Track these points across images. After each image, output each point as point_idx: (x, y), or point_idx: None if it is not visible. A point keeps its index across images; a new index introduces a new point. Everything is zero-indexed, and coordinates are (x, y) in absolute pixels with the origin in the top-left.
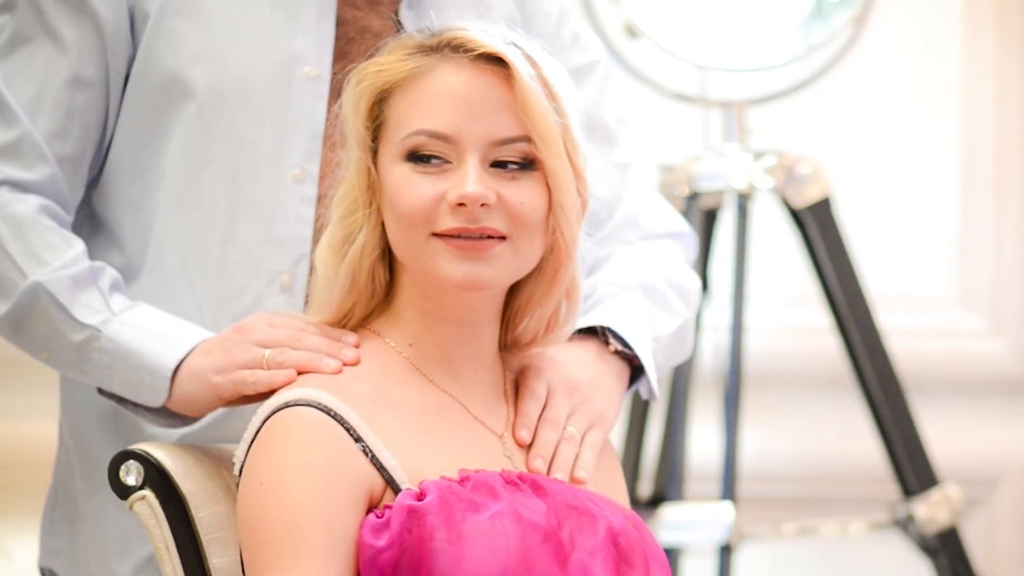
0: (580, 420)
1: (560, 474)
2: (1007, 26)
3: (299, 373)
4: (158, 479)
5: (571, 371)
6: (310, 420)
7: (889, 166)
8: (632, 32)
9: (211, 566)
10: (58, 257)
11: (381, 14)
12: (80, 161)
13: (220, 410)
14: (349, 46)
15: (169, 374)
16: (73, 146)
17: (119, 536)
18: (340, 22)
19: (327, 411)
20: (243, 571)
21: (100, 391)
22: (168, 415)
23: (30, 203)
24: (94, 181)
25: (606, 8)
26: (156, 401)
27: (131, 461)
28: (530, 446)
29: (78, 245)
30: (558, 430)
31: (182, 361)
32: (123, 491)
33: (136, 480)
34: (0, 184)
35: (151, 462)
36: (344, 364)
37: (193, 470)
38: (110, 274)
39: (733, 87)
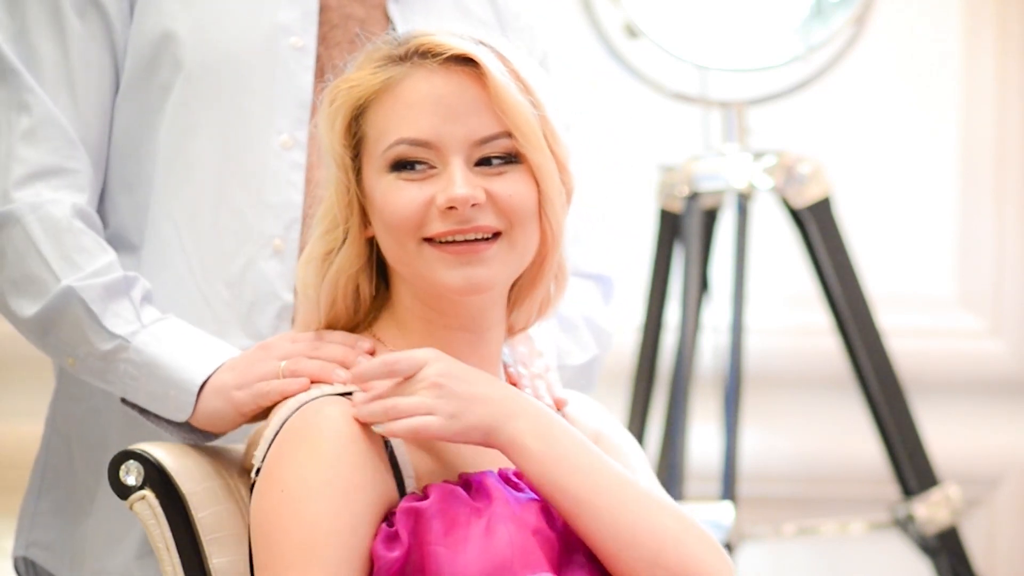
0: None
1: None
2: (1007, 26)
3: (312, 382)
4: (158, 479)
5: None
6: (340, 422)
7: (889, 166)
8: (632, 32)
9: (211, 566)
10: (92, 262)
11: (366, 4)
12: (100, 147)
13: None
14: (332, 31)
15: (196, 390)
16: (94, 130)
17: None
18: (324, 8)
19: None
20: (251, 569)
21: (123, 401)
22: (190, 430)
23: (65, 205)
24: None
25: (606, 8)
26: (180, 416)
27: (131, 461)
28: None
29: (111, 253)
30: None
31: (209, 377)
32: (123, 491)
33: (136, 480)
34: (34, 179)
35: (151, 462)
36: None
37: (193, 470)
38: (143, 285)
39: (733, 87)
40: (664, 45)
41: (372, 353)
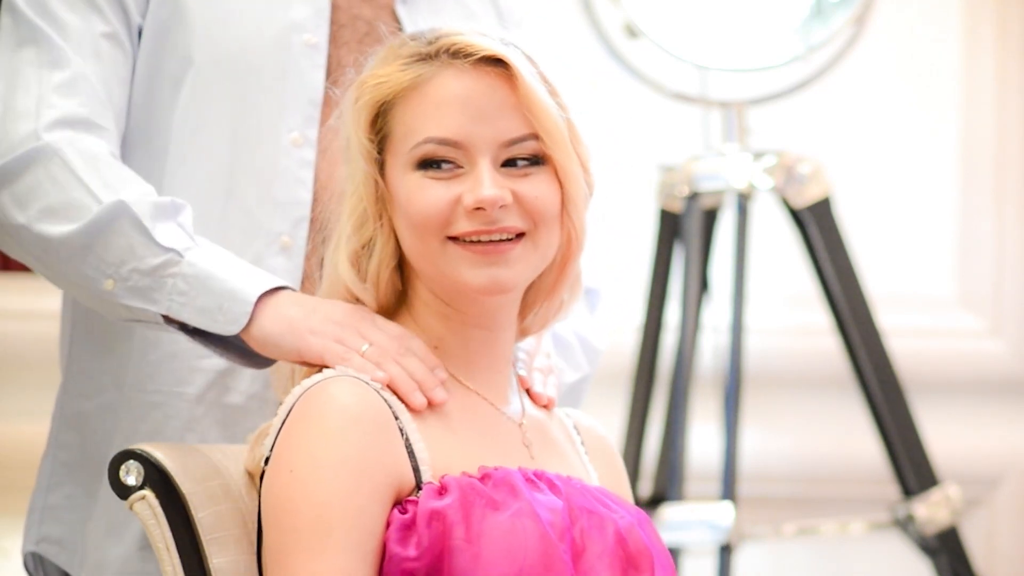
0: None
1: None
2: (1007, 26)
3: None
4: (158, 479)
5: None
6: (349, 400)
7: (889, 166)
8: (632, 32)
9: (211, 566)
10: (135, 189)
11: (374, 4)
12: (121, 117)
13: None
14: (341, 31)
15: (254, 300)
16: (116, 99)
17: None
18: (333, 7)
19: (367, 383)
20: (258, 550)
21: (166, 319)
22: (235, 349)
23: (101, 144)
24: None
25: (606, 8)
26: (233, 327)
27: (131, 461)
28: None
29: (150, 185)
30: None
31: (268, 293)
32: (123, 491)
33: (136, 480)
34: (65, 125)
35: (151, 462)
36: (429, 404)
37: (193, 470)
38: (189, 212)
39: (733, 87)
40: (664, 45)
41: (443, 384)
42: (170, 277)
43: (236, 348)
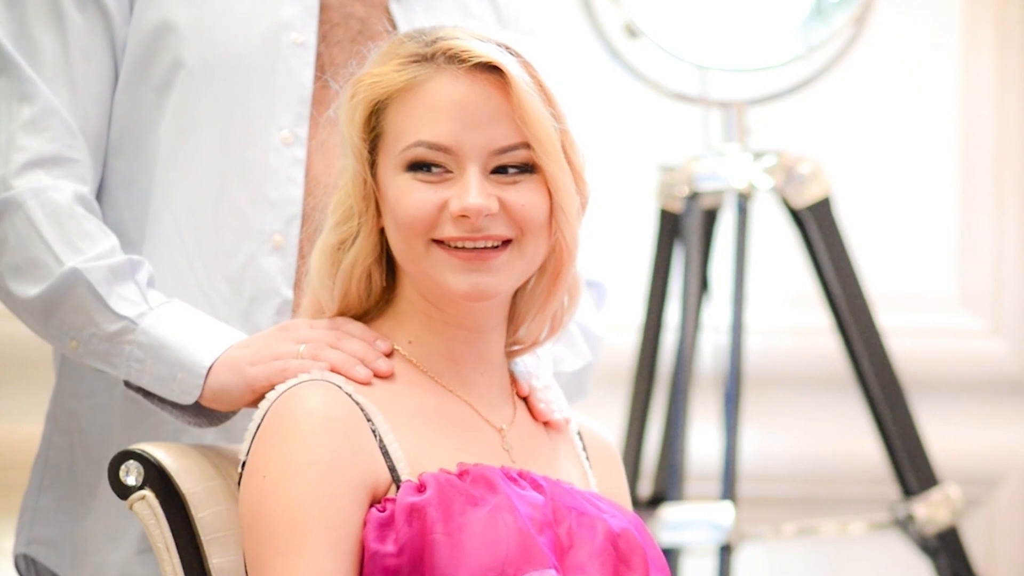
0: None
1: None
2: (1007, 26)
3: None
4: (158, 479)
5: None
6: (318, 402)
7: (889, 166)
8: (632, 32)
9: (211, 566)
10: (94, 247)
11: (367, 3)
12: (99, 139)
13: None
14: (333, 30)
15: (204, 372)
16: (93, 122)
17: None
18: (325, 7)
19: (339, 387)
20: (245, 562)
21: (127, 384)
22: (194, 413)
23: (66, 192)
24: None
25: (606, 8)
26: (187, 399)
27: (131, 461)
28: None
29: (113, 238)
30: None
31: (218, 358)
32: (123, 491)
33: (136, 480)
34: (34, 166)
35: (151, 462)
36: (375, 375)
37: (193, 470)
38: (147, 269)
39: (733, 87)
40: (664, 45)
41: (389, 355)
42: (127, 344)
43: (195, 409)
